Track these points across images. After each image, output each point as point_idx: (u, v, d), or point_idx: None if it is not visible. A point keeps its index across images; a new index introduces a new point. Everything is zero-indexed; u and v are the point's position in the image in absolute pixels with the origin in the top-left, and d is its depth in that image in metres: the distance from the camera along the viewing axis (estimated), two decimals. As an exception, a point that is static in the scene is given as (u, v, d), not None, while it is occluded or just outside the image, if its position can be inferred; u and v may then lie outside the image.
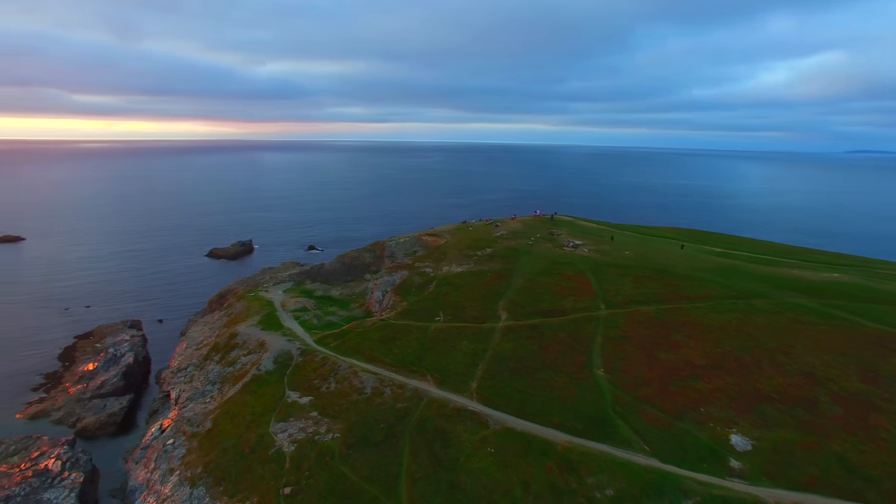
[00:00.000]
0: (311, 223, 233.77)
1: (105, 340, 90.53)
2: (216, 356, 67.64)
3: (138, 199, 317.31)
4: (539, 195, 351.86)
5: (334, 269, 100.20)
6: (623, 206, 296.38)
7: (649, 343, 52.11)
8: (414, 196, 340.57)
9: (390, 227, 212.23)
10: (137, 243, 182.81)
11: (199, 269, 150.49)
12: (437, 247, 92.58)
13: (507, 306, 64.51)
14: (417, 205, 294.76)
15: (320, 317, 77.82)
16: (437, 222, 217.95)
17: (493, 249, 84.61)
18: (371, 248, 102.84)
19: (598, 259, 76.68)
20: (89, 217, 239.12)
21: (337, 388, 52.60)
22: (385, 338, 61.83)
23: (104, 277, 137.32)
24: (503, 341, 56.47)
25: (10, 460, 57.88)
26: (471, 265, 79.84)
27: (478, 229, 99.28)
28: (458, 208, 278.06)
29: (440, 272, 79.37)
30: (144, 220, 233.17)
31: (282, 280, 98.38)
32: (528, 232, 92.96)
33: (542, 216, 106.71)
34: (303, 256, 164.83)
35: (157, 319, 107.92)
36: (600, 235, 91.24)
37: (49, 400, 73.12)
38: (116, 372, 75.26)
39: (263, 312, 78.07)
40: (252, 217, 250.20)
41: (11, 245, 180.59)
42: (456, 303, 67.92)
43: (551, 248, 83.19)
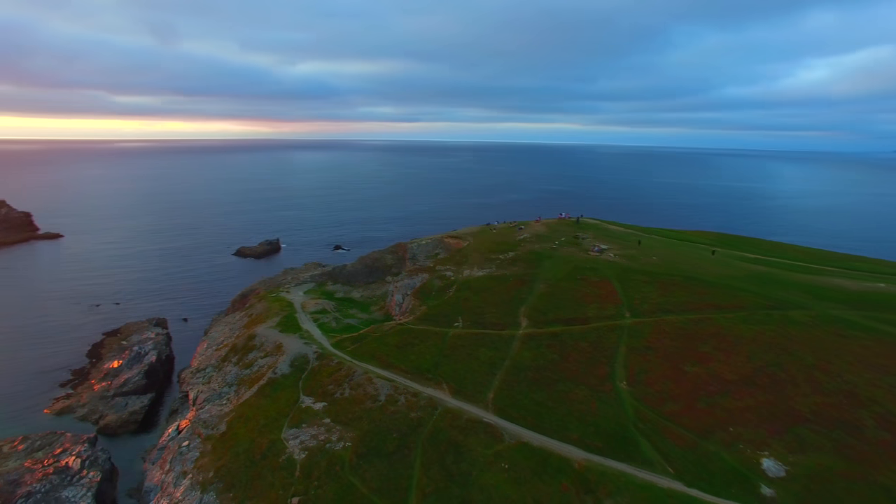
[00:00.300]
0: (339, 223, 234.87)
1: (131, 338, 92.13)
2: (234, 357, 67.70)
3: (172, 197, 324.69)
4: (567, 196, 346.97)
5: (356, 270, 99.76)
6: (652, 207, 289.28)
7: (676, 355, 49.58)
8: (441, 196, 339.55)
9: (417, 228, 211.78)
10: (168, 241, 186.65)
11: (225, 268, 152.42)
12: (459, 249, 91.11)
13: (528, 313, 62.65)
14: (444, 205, 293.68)
15: (339, 319, 77.26)
16: (463, 223, 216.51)
17: (516, 253, 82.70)
18: (393, 249, 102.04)
19: (623, 264, 73.99)
20: (125, 215, 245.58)
21: (351, 395, 51.68)
22: (402, 343, 60.72)
23: (134, 275, 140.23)
24: (522, 349, 54.68)
25: (35, 455, 58.94)
26: (492, 269, 78.13)
27: (501, 232, 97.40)
28: (486, 208, 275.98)
29: (461, 276, 77.93)
30: (176, 219, 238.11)
31: (303, 281, 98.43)
32: (553, 235, 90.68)
33: (567, 219, 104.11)
34: (329, 256, 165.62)
35: (183, 318, 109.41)
36: (627, 240, 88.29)
37: (75, 396, 74.55)
38: (139, 370, 76.23)
39: (283, 314, 77.98)
40: (281, 216, 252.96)
41: (51, 242, 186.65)
42: (476, 308, 66.38)
43: (576, 253, 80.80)
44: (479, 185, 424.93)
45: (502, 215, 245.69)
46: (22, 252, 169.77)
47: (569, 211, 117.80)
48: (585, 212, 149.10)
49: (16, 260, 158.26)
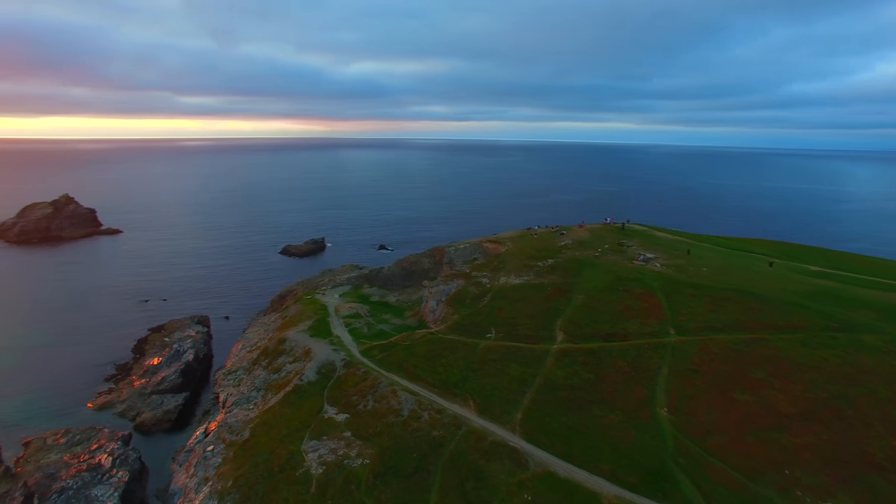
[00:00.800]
0: (385, 222, 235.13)
1: (174, 335, 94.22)
2: (264, 361, 67.54)
3: (227, 195, 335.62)
4: (617, 197, 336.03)
5: (392, 273, 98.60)
6: (705, 212, 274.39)
7: (724, 380, 45.12)
8: (489, 196, 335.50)
9: (462, 228, 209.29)
10: (219, 239, 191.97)
11: (271, 267, 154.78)
12: (497, 255, 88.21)
13: (565, 326, 59.22)
14: (491, 205, 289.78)
15: (371, 325, 76.03)
16: (509, 223, 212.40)
17: (556, 260, 79.04)
18: (430, 253, 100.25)
19: (670, 275, 69.11)
20: (181, 212, 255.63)
21: (374, 408, 50.00)
22: (431, 354, 58.61)
23: (183, 272, 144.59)
24: (556, 367, 51.44)
25: (74, 450, 60.57)
26: (530, 277, 74.89)
27: (541, 237, 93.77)
28: (533, 209, 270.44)
29: (497, 283, 75.11)
30: (229, 216, 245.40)
31: (340, 283, 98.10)
32: (596, 242, 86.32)
33: (612, 225, 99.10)
34: (373, 256, 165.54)
35: (225, 316, 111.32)
36: (675, 248, 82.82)
37: (116, 392, 76.63)
38: (176, 369, 77.56)
39: (315, 317, 77.48)
40: (329, 214, 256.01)
41: (111, 237, 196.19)
42: (510, 319, 63.47)
43: (619, 261, 76.35)
44: (528, 186, 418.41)
45: (550, 216, 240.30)
46: (85, 246, 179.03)
47: (614, 216, 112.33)
48: (633, 216, 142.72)
49: (79, 254, 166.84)
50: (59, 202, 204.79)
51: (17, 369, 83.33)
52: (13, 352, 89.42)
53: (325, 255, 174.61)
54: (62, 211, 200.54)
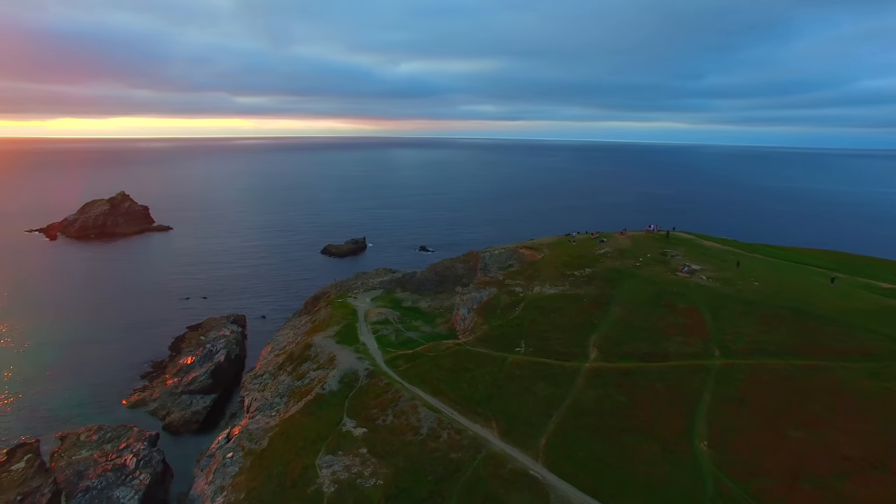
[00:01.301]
0: (428, 223, 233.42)
1: (209, 334, 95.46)
2: (289, 366, 66.92)
3: (275, 193, 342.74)
4: (665, 199, 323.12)
5: (425, 278, 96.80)
6: (760, 217, 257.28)
7: (775, 412, 40.64)
8: (534, 197, 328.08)
9: (504, 231, 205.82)
10: (263, 238, 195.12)
11: (311, 267, 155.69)
12: (533, 262, 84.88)
13: (599, 342, 55.59)
14: (536, 206, 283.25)
15: (399, 332, 74.33)
16: (553, 225, 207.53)
17: (594, 270, 75.05)
18: (465, 258, 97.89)
19: (717, 289, 64.02)
20: (229, 210, 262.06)
21: (393, 423, 48.07)
22: (456, 367, 56.22)
23: (225, 270, 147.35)
24: (587, 387, 48.04)
25: (104, 448, 61.54)
26: (565, 287, 71.29)
27: (580, 244, 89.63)
28: (579, 211, 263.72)
29: (531, 292, 71.94)
30: (275, 214, 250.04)
31: (372, 287, 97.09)
32: (638, 251, 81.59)
33: (656, 232, 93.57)
34: (413, 257, 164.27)
35: (261, 315, 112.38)
36: (724, 259, 77.10)
37: (150, 389, 78.01)
38: (206, 370, 78.18)
39: (344, 322, 76.48)
40: (371, 214, 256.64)
41: (162, 234, 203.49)
42: (541, 332, 60.31)
43: (662, 273, 71.61)
44: (574, 187, 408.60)
45: (596, 219, 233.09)
46: (136, 243, 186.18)
47: (660, 221, 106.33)
48: (681, 220, 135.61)
49: (129, 251, 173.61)
50: (116, 199, 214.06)
51: (64, 363, 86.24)
52: (63, 347, 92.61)
53: (365, 256, 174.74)
54: (118, 208, 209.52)
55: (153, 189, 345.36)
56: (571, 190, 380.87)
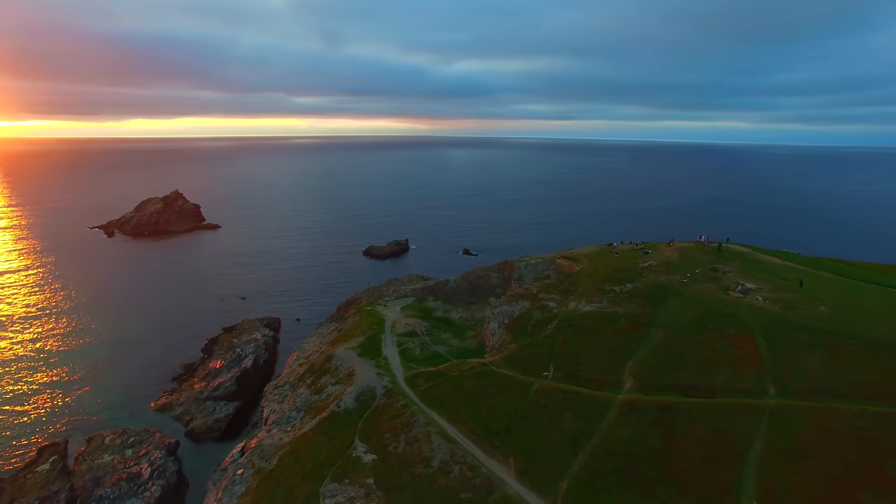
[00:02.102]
0: (474, 224, 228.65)
1: (241, 336, 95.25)
2: (309, 378, 64.83)
3: (326, 193, 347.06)
4: (722, 203, 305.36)
5: (458, 287, 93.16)
6: (829, 227, 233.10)
7: (845, 472, 34.49)
8: (584, 200, 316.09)
9: (552, 235, 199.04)
10: (307, 238, 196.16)
11: (351, 269, 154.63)
12: (570, 274, 79.58)
13: (636, 370, 50.22)
14: (585, 210, 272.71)
15: (425, 346, 70.98)
16: (602, 230, 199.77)
17: (636, 285, 69.09)
18: (499, 267, 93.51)
19: (775, 313, 57.04)
20: (279, 209, 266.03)
21: (404, 451, 44.73)
22: (477, 391, 52.24)
23: (266, 271, 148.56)
24: (618, 424, 42.99)
25: (125, 453, 61.44)
26: (603, 304, 65.84)
27: (623, 256, 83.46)
28: (631, 215, 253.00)
29: (565, 308, 66.90)
30: (321, 215, 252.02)
31: (404, 294, 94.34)
32: (685, 265, 74.76)
33: (707, 244, 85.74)
34: (454, 262, 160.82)
35: (296, 319, 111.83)
36: (784, 277, 69.23)
37: (177, 393, 78.11)
38: (232, 376, 77.47)
39: (369, 333, 73.88)
40: (418, 214, 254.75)
41: (210, 233, 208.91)
42: (573, 354, 55.42)
43: (712, 291, 64.90)
44: (628, 188, 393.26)
45: (646, 223, 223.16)
46: (185, 241, 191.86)
47: (713, 229, 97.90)
48: (737, 229, 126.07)
49: (177, 249, 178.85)
50: (170, 198, 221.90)
51: (103, 362, 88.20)
52: (104, 345, 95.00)
53: (407, 258, 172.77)
54: (171, 206, 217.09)
55: (208, 187, 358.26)
56: (623, 192, 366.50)
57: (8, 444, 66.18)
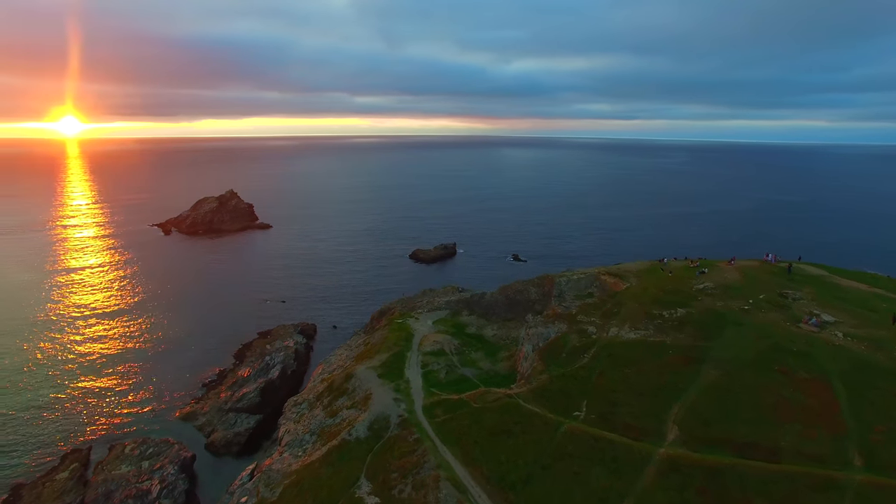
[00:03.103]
0: (524, 229, 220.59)
1: (275, 343, 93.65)
2: (327, 398, 61.45)
3: (381, 193, 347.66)
4: (794, 208, 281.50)
5: (495, 301, 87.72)
6: None
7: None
8: (642, 204, 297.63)
9: (603, 243, 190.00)
10: (354, 240, 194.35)
11: (395, 274, 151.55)
12: (615, 294, 72.37)
13: (682, 417, 43.32)
14: (642, 214, 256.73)
15: (452, 368, 66.11)
16: (657, 238, 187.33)
17: (688, 311, 61.34)
18: (539, 281, 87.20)
19: (860, 355, 48.20)
20: (329, 209, 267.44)
21: (410, 497, 40.10)
22: (499, 428, 46.84)
23: (309, 274, 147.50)
24: (657, 487, 36.55)
25: (141, 465, 60.34)
26: (649, 331, 58.69)
27: (675, 274, 75.19)
28: (688, 220, 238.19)
29: (605, 334, 60.22)
30: (372, 215, 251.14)
31: (438, 307, 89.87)
32: (748, 288, 65.88)
33: (774, 263, 75.73)
34: (502, 269, 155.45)
35: (333, 325, 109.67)
36: (872, 308, 59.27)
37: (203, 401, 76.95)
38: (257, 386, 75.47)
39: (394, 350, 69.83)
40: (469, 216, 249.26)
41: (262, 232, 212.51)
42: (610, 391, 49.00)
43: (779, 322, 56.30)
44: (688, 191, 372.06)
45: (707, 229, 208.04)
46: (236, 240, 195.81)
47: (781, 239, 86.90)
48: (810, 243, 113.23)
49: (228, 248, 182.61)
50: (224, 197, 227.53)
51: (140, 364, 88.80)
52: (143, 346, 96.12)
53: (454, 262, 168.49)
54: (226, 205, 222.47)
55: (264, 185, 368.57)
56: (683, 194, 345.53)
57: (38, 447, 66.56)
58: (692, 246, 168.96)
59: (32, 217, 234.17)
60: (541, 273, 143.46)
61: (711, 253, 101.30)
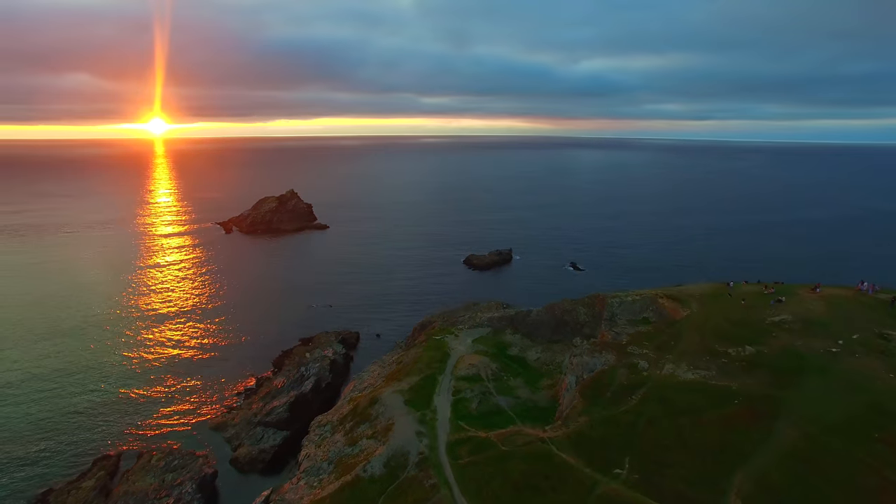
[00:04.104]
0: (585, 235, 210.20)
1: (314, 352, 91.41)
2: (350, 423, 57.75)
3: (439, 193, 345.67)
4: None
5: (541, 320, 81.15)
6: None
7: None
8: (714, 211, 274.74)
9: (669, 254, 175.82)
10: (409, 243, 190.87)
11: (446, 280, 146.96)
12: (673, 322, 64.09)
13: (748, 490, 35.83)
14: (711, 222, 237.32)
15: (486, 396, 60.59)
16: (723, 252, 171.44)
17: (760, 349, 52.61)
18: (589, 301, 79.59)
19: None
20: (387, 211, 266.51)
21: (415, 560, 35.30)
22: (525, 481, 41.04)
23: (359, 278, 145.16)
24: (709, 584, 29.60)
25: (165, 478, 59.16)
26: (711, 372, 50.66)
27: (746, 302, 65.56)
28: (761, 230, 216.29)
29: (659, 371, 52.73)
30: (429, 217, 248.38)
31: (480, 323, 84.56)
32: (837, 325, 55.78)
33: (872, 295, 64.21)
34: (559, 278, 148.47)
35: (376, 334, 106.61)
36: None
37: (236, 412, 75.45)
38: (287, 401, 73.05)
39: (426, 373, 65.20)
40: (529, 220, 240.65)
41: (318, 233, 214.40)
42: (659, 446, 41.97)
43: (878, 372, 46.63)
44: (766, 196, 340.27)
45: (786, 243, 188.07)
46: (292, 241, 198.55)
47: (878, 279, 73.89)
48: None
49: (282, 249, 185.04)
50: (285, 197, 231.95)
51: (183, 367, 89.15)
52: (190, 348, 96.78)
53: (508, 270, 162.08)
54: (285, 205, 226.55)
55: (326, 185, 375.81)
56: (761, 201, 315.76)
57: (76, 451, 67.17)
58: (767, 263, 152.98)
59: (109, 214, 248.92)
60: (596, 284, 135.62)
61: (791, 275, 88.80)
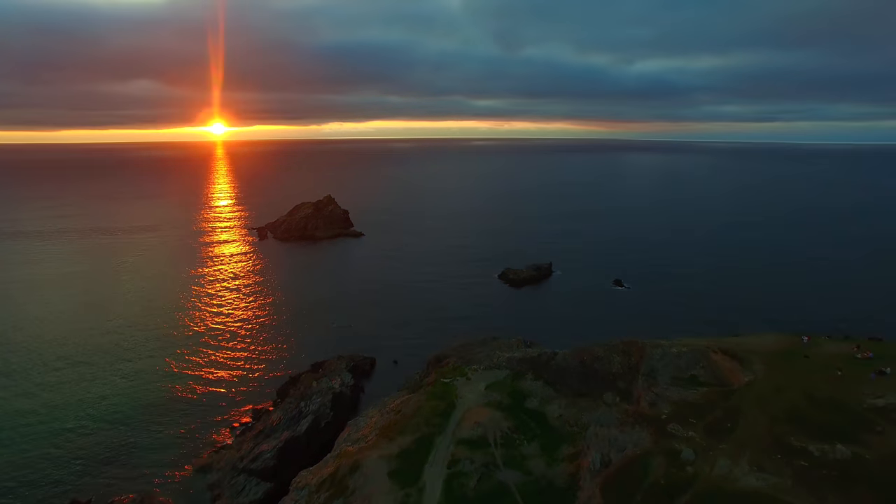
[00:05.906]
0: (633, 246, 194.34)
1: (321, 381, 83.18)
2: (325, 493, 48.36)
3: (482, 200, 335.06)
4: None
5: (567, 366, 69.16)
6: None
7: None
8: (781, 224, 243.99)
9: (726, 273, 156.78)
10: (444, 255, 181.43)
11: (479, 296, 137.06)
12: (730, 392, 50.90)
13: None
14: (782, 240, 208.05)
15: (490, 470, 49.79)
16: (795, 286, 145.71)
17: (857, 451, 39.14)
18: (624, 348, 66.61)
19: None
20: (425, 218, 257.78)
21: None
22: None
23: (385, 295, 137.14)
24: None
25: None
26: (783, 480, 37.87)
27: (826, 365, 51.25)
28: (847, 254, 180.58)
29: (709, 469, 40.43)
30: (477, 225, 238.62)
31: (497, 364, 73.51)
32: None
33: None
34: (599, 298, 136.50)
35: (394, 360, 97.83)
36: None
37: (223, 452, 68.42)
38: (276, 445, 64.78)
39: (423, 432, 55.14)
40: (574, 231, 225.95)
41: (353, 241, 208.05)
42: None
43: None
44: (838, 208, 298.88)
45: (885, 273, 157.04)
46: (326, 249, 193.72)
47: None
48: None
49: (313, 259, 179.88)
50: (321, 203, 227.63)
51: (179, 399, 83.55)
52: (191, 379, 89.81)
53: (548, 285, 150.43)
54: (321, 211, 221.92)
55: (367, 188, 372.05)
56: (832, 213, 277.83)
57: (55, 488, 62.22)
58: (856, 306, 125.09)
59: (153, 219, 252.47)
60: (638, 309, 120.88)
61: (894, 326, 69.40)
